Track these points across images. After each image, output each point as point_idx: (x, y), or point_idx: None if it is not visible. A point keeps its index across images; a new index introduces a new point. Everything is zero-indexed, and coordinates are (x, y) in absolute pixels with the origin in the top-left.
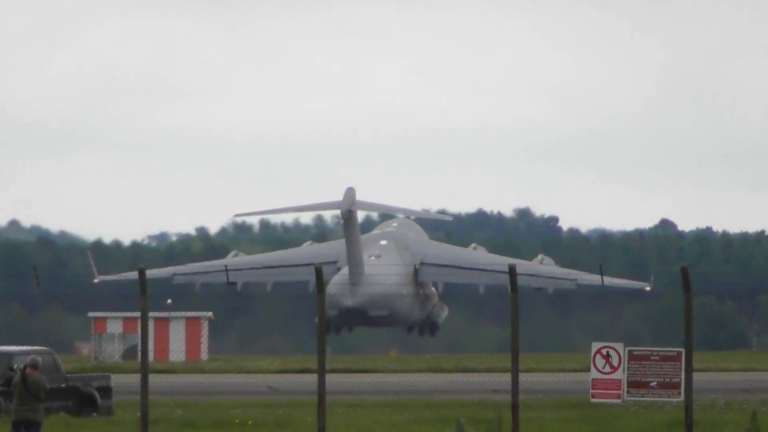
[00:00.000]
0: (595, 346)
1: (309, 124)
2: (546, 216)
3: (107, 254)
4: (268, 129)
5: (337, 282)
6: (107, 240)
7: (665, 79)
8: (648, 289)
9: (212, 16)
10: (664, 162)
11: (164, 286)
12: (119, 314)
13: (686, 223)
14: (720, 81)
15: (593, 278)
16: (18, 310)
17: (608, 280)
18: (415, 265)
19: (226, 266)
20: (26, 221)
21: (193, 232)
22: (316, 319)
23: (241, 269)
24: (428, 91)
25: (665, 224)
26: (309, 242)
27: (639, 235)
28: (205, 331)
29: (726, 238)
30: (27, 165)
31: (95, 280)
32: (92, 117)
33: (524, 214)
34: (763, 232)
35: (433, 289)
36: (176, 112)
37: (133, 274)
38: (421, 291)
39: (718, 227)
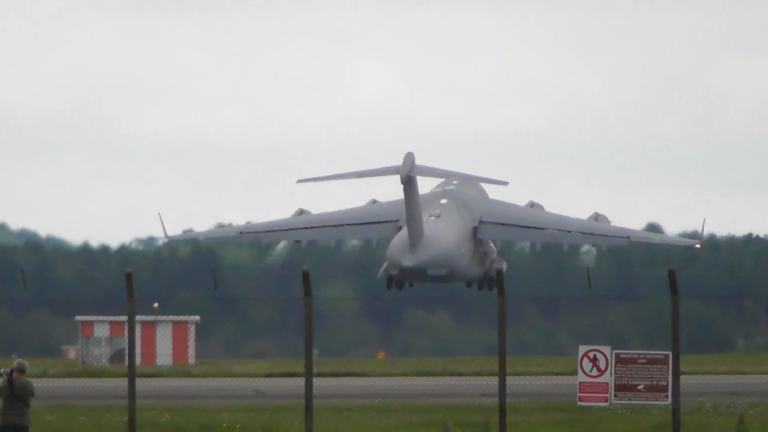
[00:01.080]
0: (582, 349)
1: (295, 127)
2: None
3: (94, 258)
4: (255, 132)
5: (397, 242)
6: (95, 244)
7: (652, 82)
8: (698, 246)
9: (201, 18)
10: (650, 165)
11: (232, 245)
12: (106, 318)
13: (673, 226)
14: (707, 83)
15: (646, 235)
16: (5, 314)
17: (659, 237)
18: (474, 225)
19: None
20: (14, 225)
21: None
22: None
23: (305, 228)
24: (414, 94)
25: (652, 228)
26: (371, 200)
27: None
28: (192, 335)
29: (713, 242)
30: (15, 168)
31: (165, 240)
32: (80, 120)
33: None
34: (750, 235)
35: (491, 244)
36: (164, 116)
37: (200, 235)
38: (480, 248)
39: (705, 231)
